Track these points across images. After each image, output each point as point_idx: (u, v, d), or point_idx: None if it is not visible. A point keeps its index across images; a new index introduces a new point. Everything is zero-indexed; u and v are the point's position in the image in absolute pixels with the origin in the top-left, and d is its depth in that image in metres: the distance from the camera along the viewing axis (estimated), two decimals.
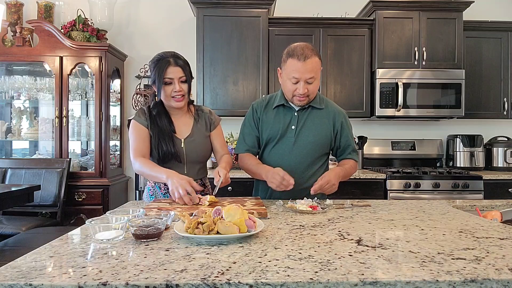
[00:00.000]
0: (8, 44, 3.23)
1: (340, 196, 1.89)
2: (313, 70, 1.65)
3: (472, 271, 0.80)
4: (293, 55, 1.65)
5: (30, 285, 0.74)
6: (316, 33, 3.33)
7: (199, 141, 1.80)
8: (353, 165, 1.85)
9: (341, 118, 1.83)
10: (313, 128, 1.78)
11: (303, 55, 1.62)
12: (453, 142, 3.59)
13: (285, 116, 1.80)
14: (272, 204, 1.64)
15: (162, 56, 1.69)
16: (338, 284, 0.75)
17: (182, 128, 1.79)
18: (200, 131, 1.82)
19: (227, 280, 0.75)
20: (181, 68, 1.68)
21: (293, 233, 1.13)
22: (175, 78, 1.67)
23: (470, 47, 3.42)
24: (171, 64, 1.67)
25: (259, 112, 1.84)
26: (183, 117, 1.82)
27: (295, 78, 1.66)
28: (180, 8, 3.59)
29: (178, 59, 1.70)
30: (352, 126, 1.96)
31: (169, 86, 1.68)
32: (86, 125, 3.40)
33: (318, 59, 1.67)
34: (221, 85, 3.29)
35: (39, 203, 3.02)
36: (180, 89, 1.68)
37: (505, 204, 1.74)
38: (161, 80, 1.66)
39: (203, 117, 1.85)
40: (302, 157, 1.77)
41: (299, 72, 1.64)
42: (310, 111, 1.80)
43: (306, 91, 1.67)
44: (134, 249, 0.98)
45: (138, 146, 1.71)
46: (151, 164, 1.66)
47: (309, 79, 1.66)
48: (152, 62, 1.72)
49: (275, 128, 1.79)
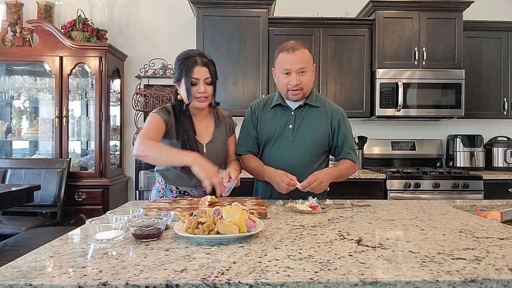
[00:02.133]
0: (8, 44, 3.23)
1: (340, 196, 1.88)
2: (303, 61, 1.68)
3: (472, 271, 0.80)
4: (283, 50, 1.71)
5: (30, 285, 0.74)
6: (316, 33, 3.33)
7: (219, 147, 1.77)
8: (350, 166, 1.81)
9: (339, 116, 1.82)
10: (310, 127, 1.78)
11: (292, 47, 1.69)
12: (453, 142, 3.59)
13: (283, 115, 1.81)
14: (272, 204, 1.63)
15: (189, 54, 1.64)
16: (338, 284, 0.75)
17: (203, 132, 1.74)
18: (221, 136, 1.79)
19: (227, 280, 0.75)
20: (208, 69, 1.63)
21: (293, 233, 1.13)
22: (201, 79, 1.62)
23: (470, 47, 3.42)
24: (198, 63, 1.61)
25: (257, 112, 1.86)
26: (203, 119, 1.77)
27: (286, 70, 1.70)
28: (180, 8, 3.59)
29: (205, 59, 1.64)
30: (352, 126, 1.96)
31: (194, 87, 1.63)
32: (86, 125, 3.40)
33: (308, 51, 1.71)
34: (221, 85, 3.28)
35: (39, 203, 3.01)
36: (205, 91, 1.63)
37: (505, 204, 1.74)
38: (188, 79, 1.61)
39: (223, 122, 1.82)
40: (301, 155, 1.77)
41: (289, 63, 1.68)
42: (307, 109, 1.80)
43: (299, 82, 1.69)
44: (134, 249, 0.98)
45: (152, 134, 1.61)
46: (166, 147, 1.60)
47: (300, 69, 1.68)
48: (177, 60, 1.66)
49: (273, 127, 1.80)
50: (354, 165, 1.85)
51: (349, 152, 1.82)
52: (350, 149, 1.83)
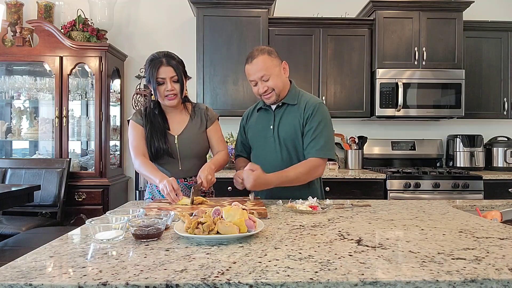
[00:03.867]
0: (8, 44, 3.23)
1: (340, 196, 1.88)
2: (262, 68, 1.68)
3: (472, 271, 0.80)
4: (246, 61, 1.74)
5: (30, 285, 0.74)
6: (316, 33, 3.33)
7: (193, 137, 1.83)
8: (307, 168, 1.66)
9: (311, 108, 1.71)
10: (286, 124, 1.77)
11: (251, 57, 1.71)
12: (453, 142, 3.59)
13: (265, 117, 1.84)
14: (272, 204, 1.64)
15: (155, 56, 1.73)
16: (338, 284, 0.75)
17: (177, 126, 1.83)
18: (194, 127, 1.84)
19: (227, 280, 0.75)
20: (173, 68, 1.71)
21: (293, 233, 1.13)
22: (167, 78, 1.71)
23: (470, 47, 3.42)
24: (163, 64, 1.70)
25: (245, 119, 1.95)
26: (178, 115, 1.85)
27: (252, 81, 1.73)
28: (180, 8, 3.59)
29: (170, 59, 1.72)
30: (352, 126, 1.95)
31: (162, 86, 1.72)
32: (86, 125, 3.40)
33: (266, 56, 1.69)
34: (221, 85, 3.29)
35: (39, 203, 3.01)
36: (172, 88, 1.72)
37: (505, 204, 1.74)
38: (154, 80, 1.70)
39: (199, 114, 1.88)
40: (283, 154, 1.77)
41: (251, 74, 1.72)
42: (285, 108, 1.80)
43: (266, 88, 1.71)
44: (134, 249, 0.98)
45: (138, 145, 1.77)
46: (150, 167, 1.70)
47: (262, 77, 1.69)
48: (146, 62, 1.76)
49: (257, 129, 1.85)
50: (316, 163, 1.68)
51: (311, 146, 1.69)
52: (313, 141, 1.69)
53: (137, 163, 1.72)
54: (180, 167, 1.80)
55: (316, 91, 3.33)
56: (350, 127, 3.66)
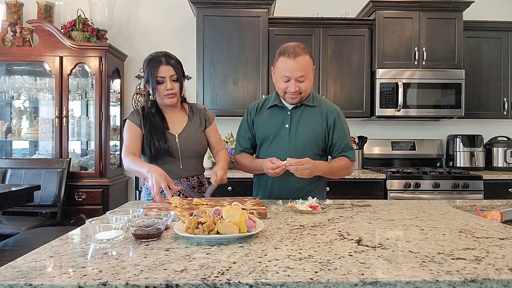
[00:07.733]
0: (8, 44, 3.23)
1: (340, 196, 1.89)
2: (303, 69, 1.66)
3: (472, 271, 0.80)
4: (284, 53, 1.67)
5: (30, 285, 0.74)
6: (316, 33, 3.33)
7: (193, 136, 1.83)
8: (344, 164, 1.78)
9: (334, 114, 1.80)
10: (306, 126, 1.78)
11: (294, 53, 1.64)
12: (453, 142, 3.59)
13: (279, 115, 1.82)
14: (272, 204, 1.64)
15: (154, 56, 1.74)
16: (338, 284, 0.75)
17: (176, 125, 1.82)
18: (194, 126, 1.85)
19: (227, 280, 0.75)
20: (173, 67, 1.72)
21: (293, 233, 1.13)
22: (167, 77, 1.71)
23: (470, 47, 3.42)
24: (163, 63, 1.71)
25: (253, 114, 1.89)
26: (176, 114, 1.85)
27: (286, 77, 1.68)
28: (180, 8, 3.59)
29: (169, 58, 1.73)
30: (352, 126, 1.96)
31: (161, 85, 1.72)
32: (86, 125, 3.40)
33: (309, 57, 1.68)
34: (221, 85, 3.29)
35: (39, 203, 3.01)
36: (172, 87, 1.73)
37: (505, 204, 1.74)
38: (153, 79, 1.70)
39: (198, 114, 1.89)
40: (297, 155, 1.75)
41: (289, 70, 1.66)
42: (303, 109, 1.80)
43: (297, 89, 1.69)
44: (134, 249, 0.98)
45: (130, 145, 1.75)
46: (137, 161, 1.68)
47: (300, 77, 1.67)
48: (144, 62, 1.76)
49: (269, 127, 1.82)
50: (350, 163, 1.82)
51: (345, 150, 1.80)
52: (346, 146, 1.81)
53: (126, 161, 1.70)
54: (181, 166, 1.79)
55: (316, 91, 3.32)
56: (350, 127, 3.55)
